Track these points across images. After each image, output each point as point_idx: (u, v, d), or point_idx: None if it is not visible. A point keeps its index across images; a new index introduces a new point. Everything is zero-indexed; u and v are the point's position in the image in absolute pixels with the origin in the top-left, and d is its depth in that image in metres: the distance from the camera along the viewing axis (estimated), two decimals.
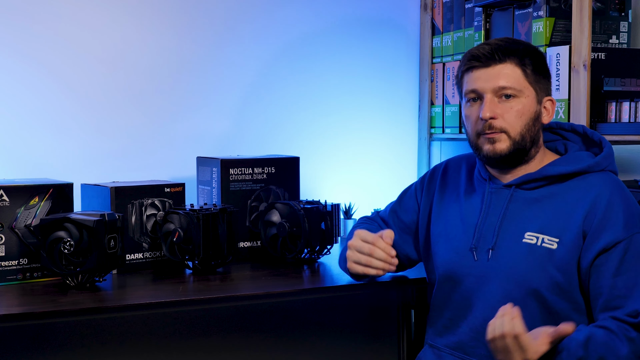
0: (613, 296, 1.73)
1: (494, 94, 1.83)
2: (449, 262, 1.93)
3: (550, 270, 1.78)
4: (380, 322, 2.35)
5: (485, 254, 1.86)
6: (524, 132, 1.84)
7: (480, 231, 1.88)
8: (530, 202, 1.86)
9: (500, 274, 1.83)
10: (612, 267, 1.74)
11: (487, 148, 1.85)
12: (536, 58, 1.87)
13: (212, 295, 2.01)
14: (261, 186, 2.48)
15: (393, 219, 2.13)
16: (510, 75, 1.83)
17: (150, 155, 2.69)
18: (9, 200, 2.10)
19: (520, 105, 1.83)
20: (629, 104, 2.26)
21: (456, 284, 1.91)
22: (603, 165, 1.86)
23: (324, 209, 2.38)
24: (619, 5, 2.49)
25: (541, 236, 1.81)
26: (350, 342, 2.33)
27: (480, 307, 1.85)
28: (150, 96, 2.69)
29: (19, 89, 2.52)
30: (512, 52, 1.84)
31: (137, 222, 2.27)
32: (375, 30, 3.00)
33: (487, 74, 1.84)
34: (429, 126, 3.00)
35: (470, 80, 1.86)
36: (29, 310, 1.84)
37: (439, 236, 1.98)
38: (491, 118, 1.83)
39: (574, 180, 1.85)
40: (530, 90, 1.84)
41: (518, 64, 1.83)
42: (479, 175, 1.96)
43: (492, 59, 1.83)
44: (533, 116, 1.85)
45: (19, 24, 2.51)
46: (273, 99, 2.87)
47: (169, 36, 2.71)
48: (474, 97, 1.87)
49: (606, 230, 1.76)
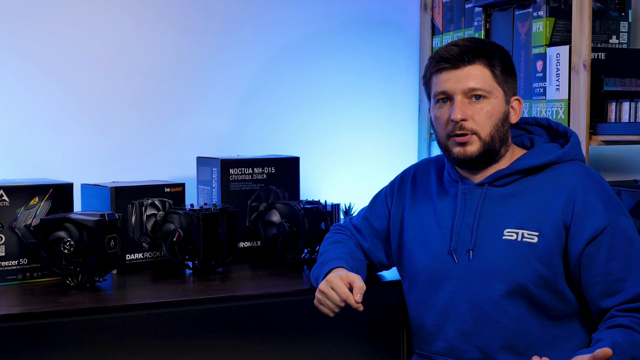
0: (610, 282, 1.75)
1: (464, 95, 1.84)
2: (430, 267, 1.91)
3: (534, 264, 1.79)
4: (380, 322, 2.34)
5: (466, 255, 1.86)
6: (494, 132, 1.85)
7: (457, 233, 1.88)
8: (504, 199, 1.86)
9: (483, 273, 1.83)
10: (604, 253, 1.76)
11: (457, 150, 1.86)
12: (504, 58, 1.88)
13: (212, 295, 2.01)
14: (261, 186, 2.48)
15: (365, 226, 2.12)
16: (480, 76, 1.83)
17: (150, 155, 2.69)
18: (9, 200, 2.10)
19: (490, 106, 1.84)
20: (629, 104, 2.26)
21: (438, 288, 1.90)
22: (571, 155, 1.88)
23: (324, 209, 2.38)
24: (619, 5, 2.49)
25: (520, 231, 1.81)
26: (350, 342, 2.33)
27: (468, 309, 1.84)
28: (150, 96, 2.69)
29: (19, 89, 2.52)
30: (481, 53, 1.84)
31: (137, 222, 2.27)
32: (375, 30, 3.00)
33: (456, 76, 1.84)
34: (428, 126, 3.00)
35: (439, 82, 1.87)
36: (29, 310, 1.84)
37: (414, 242, 1.97)
38: (462, 120, 1.83)
39: (545, 172, 1.86)
40: (499, 90, 1.85)
41: (487, 64, 1.84)
42: (449, 177, 1.96)
43: (462, 61, 1.84)
44: (502, 117, 1.86)
45: (19, 24, 2.51)
46: (273, 99, 2.87)
47: (169, 36, 2.71)
48: (443, 98, 1.87)
49: (589, 219, 1.77)
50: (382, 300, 2.36)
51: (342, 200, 2.89)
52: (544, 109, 2.42)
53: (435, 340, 1.92)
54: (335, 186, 2.95)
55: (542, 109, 2.43)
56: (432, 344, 1.93)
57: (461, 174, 1.93)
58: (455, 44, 1.87)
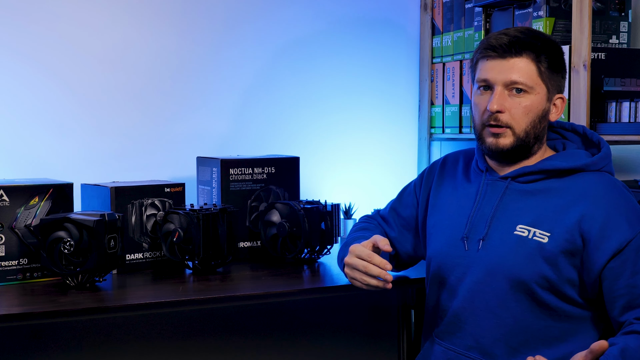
0: (635, 295, 1.73)
1: (505, 87, 1.82)
2: (441, 253, 1.93)
3: (540, 263, 1.78)
4: (380, 322, 2.35)
5: (476, 244, 1.86)
6: (529, 129, 1.83)
7: (472, 221, 1.88)
8: (524, 195, 1.85)
9: (488, 264, 1.83)
10: (629, 267, 1.73)
11: (490, 141, 1.85)
12: (553, 54, 1.85)
13: (212, 295, 2.01)
14: (261, 186, 2.48)
15: (392, 216, 2.12)
16: (524, 70, 1.81)
17: (150, 155, 2.69)
18: (9, 200, 2.10)
19: (529, 102, 1.82)
20: (629, 104, 2.26)
21: (446, 273, 1.91)
22: (600, 165, 1.86)
23: (324, 209, 2.38)
24: (619, 5, 2.49)
25: (533, 229, 1.80)
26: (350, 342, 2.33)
27: (469, 297, 1.85)
28: (150, 96, 2.69)
29: (19, 89, 2.52)
30: (530, 46, 1.82)
31: (137, 222, 2.27)
32: (375, 30, 3.00)
33: (501, 66, 1.82)
34: (429, 126, 3.00)
35: (483, 69, 1.85)
36: (29, 310, 1.84)
37: (433, 227, 1.99)
38: (498, 111, 1.82)
39: (570, 177, 1.84)
40: (542, 87, 1.83)
41: (534, 59, 1.82)
42: (476, 167, 1.96)
43: (509, 52, 1.82)
44: (541, 114, 1.84)
45: (19, 24, 2.50)
46: (273, 99, 2.87)
47: (169, 36, 2.71)
48: (484, 86, 1.86)
49: (613, 232, 1.75)
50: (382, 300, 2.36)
51: (342, 200, 2.89)
52: None
53: (437, 324, 1.93)
54: (335, 186, 2.95)
55: None
56: (434, 327, 1.94)
57: (489, 164, 1.92)
58: (506, 32, 1.85)
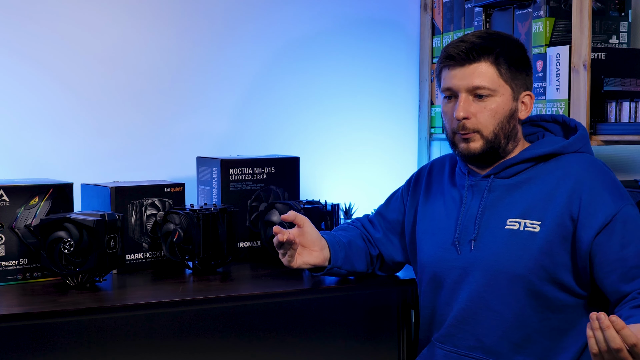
0: (627, 268, 1.73)
1: (469, 93, 1.84)
2: (434, 258, 1.93)
3: (535, 253, 1.78)
4: (380, 322, 2.35)
5: (468, 246, 1.87)
6: (497, 130, 1.85)
7: (462, 224, 1.89)
8: (509, 189, 1.87)
9: (484, 263, 1.83)
10: (617, 240, 1.74)
11: (462, 146, 1.87)
12: (514, 54, 1.86)
13: (212, 295, 2.01)
14: (261, 186, 2.48)
15: (378, 219, 2.15)
16: (485, 74, 1.83)
17: (150, 155, 2.69)
18: (9, 200, 2.10)
19: (495, 105, 1.84)
20: (629, 104, 2.26)
21: (442, 278, 1.91)
22: (577, 146, 1.88)
23: (324, 209, 2.38)
24: (619, 5, 2.49)
25: (523, 221, 1.81)
26: (350, 342, 2.33)
27: (467, 298, 1.85)
28: (150, 96, 2.69)
29: (19, 89, 2.52)
30: (487, 50, 1.83)
31: (137, 222, 2.27)
32: (375, 30, 3.00)
33: (461, 73, 1.84)
34: (429, 126, 3.00)
35: (446, 78, 1.87)
36: (29, 310, 1.84)
37: (424, 234, 1.99)
38: (464, 118, 1.84)
39: (550, 162, 1.86)
40: (505, 88, 1.85)
41: (493, 62, 1.83)
42: (460, 171, 1.98)
43: (467, 58, 1.83)
44: (508, 114, 1.86)
45: (19, 24, 2.51)
46: (273, 99, 2.87)
47: (169, 36, 2.71)
48: (449, 95, 1.88)
49: (598, 207, 1.76)
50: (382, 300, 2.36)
51: (342, 200, 2.89)
52: (544, 109, 2.42)
53: (436, 329, 1.94)
54: (335, 186, 2.95)
55: (542, 109, 2.43)
56: (433, 332, 1.95)
57: (470, 167, 1.94)
58: (464, 39, 1.87)
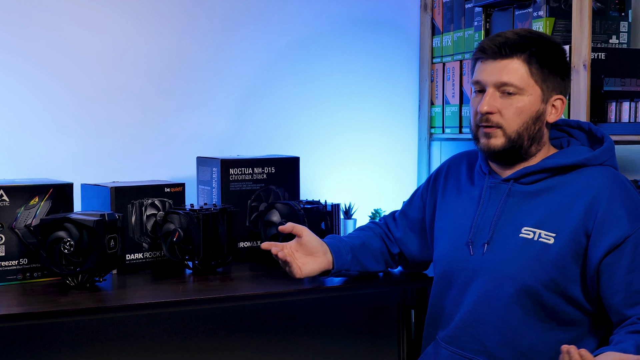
0: (631, 292, 1.72)
1: (496, 88, 1.82)
2: (446, 257, 1.93)
3: (546, 265, 1.77)
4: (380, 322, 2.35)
5: (481, 248, 1.85)
6: (521, 130, 1.82)
7: (477, 225, 1.88)
8: (528, 196, 1.85)
9: (495, 269, 1.82)
10: (625, 263, 1.72)
11: (483, 141, 1.86)
12: (548, 56, 1.83)
13: (212, 295, 2.01)
14: (261, 186, 2.48)
15: (401, 217, 2.14)
16: (515, 71, 1.81)
17: (150, 155, 2.69)
18: (9, 200, 2.10)
19: (521, 103, 1.82)
20: (629, 104, 2.26)
21: (452, 278, 1.90)
22: (601, 159, 1.85)
23: (324, 209, 2.38)
24: (619, 5, 2.49)
25: (538, 231, 1.80)
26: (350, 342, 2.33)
27: (475, 301, 1.84)
28: (150, 96, 2.69)
29: (19, 89, 2.52)
30: (521, 47, 1.81)
31: (137, 222, 2.27)
32: (375, 30, 3.00)
33: (492, 67, 1.82)
34: (429, 126, 3.00)
35: (477, 71, 1.86)
36: (29, 310, 1.84)
37: (439, 231, 1.99)
38: (488, 112, 1.82)
39: (572, 173, 1.83)
40: (535, 88, 1.82)
41: (525, 60, 1.81)
42: (480, 170, 1.96)
43: (499, 53, 1.81)
44: (534, 115, 1.83)
45: (19, 24, 2.50)
46: (273, 99, 2.87)
47: (169, 36, 2.71)
48: (478, 89, 1.86)
49: (612, 226, 1.74)
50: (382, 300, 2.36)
51: (342, 200, 2.89)
52: None
53: (442, 327, 1.93)
54: (335, 186, 2.95)
55: None
56: (438, 330, 1.94)
57: (491, 167, 1.92)
58: (500, 34, 1.85)
